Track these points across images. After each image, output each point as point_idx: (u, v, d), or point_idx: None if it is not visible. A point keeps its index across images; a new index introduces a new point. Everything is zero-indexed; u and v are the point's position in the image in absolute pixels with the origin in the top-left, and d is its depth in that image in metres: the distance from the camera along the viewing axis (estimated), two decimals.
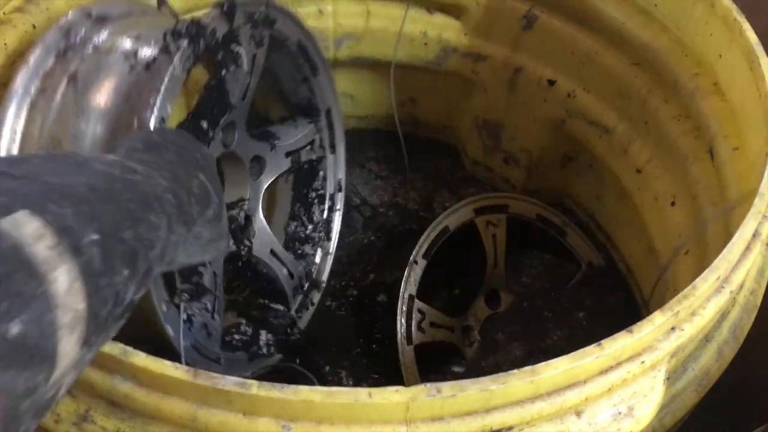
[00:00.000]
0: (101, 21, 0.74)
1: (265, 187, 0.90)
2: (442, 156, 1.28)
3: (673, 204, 0.91)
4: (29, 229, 0.38)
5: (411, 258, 0.96)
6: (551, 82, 1.08)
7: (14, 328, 0.36)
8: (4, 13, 0.81)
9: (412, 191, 1.21)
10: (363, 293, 1.05)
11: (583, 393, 0.54)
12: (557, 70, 1.08)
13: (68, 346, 0.39)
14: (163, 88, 0.65)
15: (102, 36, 0.71)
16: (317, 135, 0.97)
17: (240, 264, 0.90)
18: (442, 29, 1.14)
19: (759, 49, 0.76)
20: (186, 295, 0.75)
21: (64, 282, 0.39)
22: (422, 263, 0.97)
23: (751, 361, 0.77)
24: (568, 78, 1.07)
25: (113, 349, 0.52)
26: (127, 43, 0.70)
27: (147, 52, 0.69)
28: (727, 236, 0.67)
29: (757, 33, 0.77)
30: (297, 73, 0.91)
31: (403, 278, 0.95)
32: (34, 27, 0.82)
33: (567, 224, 1.10)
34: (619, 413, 0.56)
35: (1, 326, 0.35)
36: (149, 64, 0.68)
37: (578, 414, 0.55)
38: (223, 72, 0.72)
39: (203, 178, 0.60)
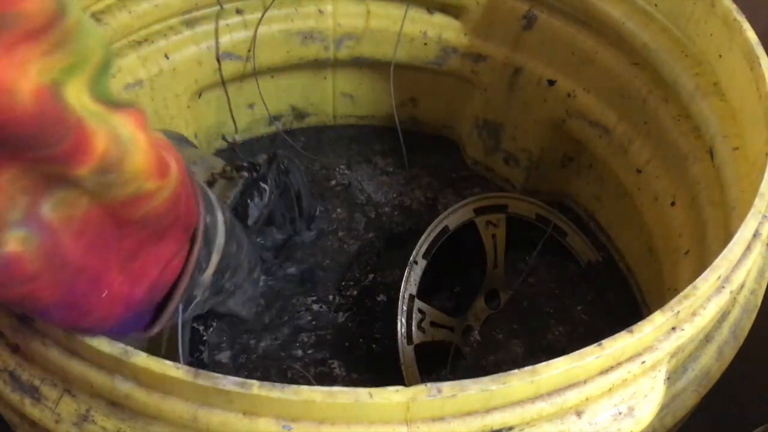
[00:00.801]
0: None
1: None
2: (445, 155, 1.28)
3: (673, 204, 0.92)
4: (206, 187, 0.60)
5: (411, 258, 0.96)
6: (551, 82, 1.08)
7: (207, 218, 0.56)
8: None
9: (412, 191, 1.21)
10: (363, 293, 1.05)
11: (584, 393, 0.54)
12: (557, 70, 1.08)
13: (214, 260, 0.58)
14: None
15: None
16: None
17: None
18: (442, 29, 1.14)
19: (759, 49, 0.76)
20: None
21: (220, 219, 0.59)
22: (422, 263, 0.97)
23: (751, 361, 0.77)
24: (568, 78, 1.07)
25: (114, 349, 0.52)
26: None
27: (202, 176, 0.88)
28: (727, 236, 0.67)
29: (757, 33, 0.77)
30: (287, 213, 1.05)
31: (403, 278, 0.95)
32: None
33: (567, 224, 1.10)
34: (620, 413, 0.56)
35: (204, 212, 0.55)
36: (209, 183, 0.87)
37: (578, 414, 0.55)
38: (249, 201, 0.89)
39: (254, 252, 0.79)
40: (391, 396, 0.50)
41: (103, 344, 0.52)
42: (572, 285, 1.09)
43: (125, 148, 0.42)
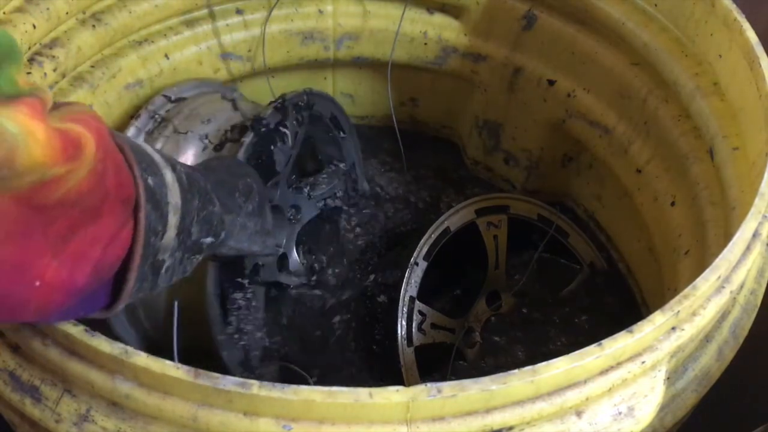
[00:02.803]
0: (179, 102, 0.97)
1: (299, 229, 1.04)
2: (445, 155, 1.29)
3: (673, 204, 0.92)
4: (148, 147, 0.57)
5: (411, 259, 0.96)
6: (551, 82, 1.08)
7: (150, 180, 0.53)
8: (4, 13, 0.81)
9: (413, 191, 1.21)
10: (363, 294, 1.05)
11: (584, 393, 0.54)
12: (557, 70, 1.08)
13: (172, 221, 0.55)
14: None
15: (179, 119, 0.93)
16: (342, 186, 1.12)
17: None
18: (442, 29, 1.14)
19: (759, 49, 0.76)
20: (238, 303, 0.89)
21: (169, 177, 0.56)
22: (423, 265, 0.97)
23: (751, 361, 0.77)
24: (568, 78, 1.07)
25: (114, 349, 0.52)
26: (200, 127, 0.92)
27: (216, 135, 0.92)
28: (727, 236, 0.67)
29: (757, 33, 0.77)
30: (328, 136, 1.08)
31: (404, 280, 0.95)
32: (34, 27, 0.82)
33: (569, 225, 1.10)
34: (620, 413, 0.56)
35: (144, 175, 0.52)
36: (219, 145, 0.91)
37: (579, 414, 0.55)
38: (272, 147, 0.90)
39: (249, 180, 0.76)
40: (391, 396, 0.50)
41: (103, 344, 0.52)
42: (573, 286, 1.09)
43: (13, 143, 0.40)
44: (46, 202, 0.43)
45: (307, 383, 0.51)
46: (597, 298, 1.08)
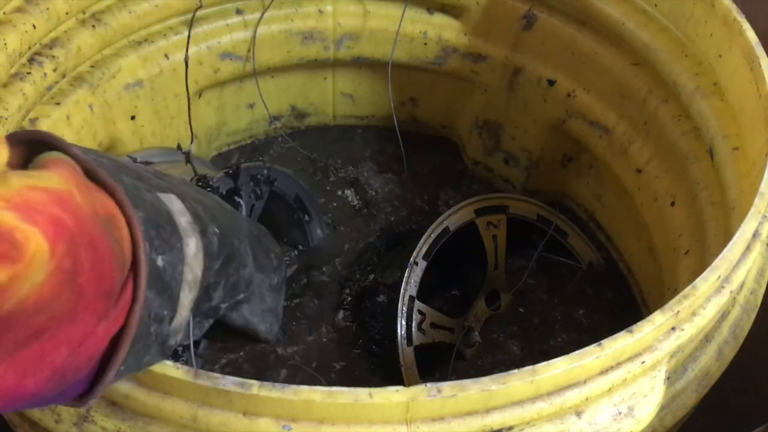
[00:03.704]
0: (145, 165, 0.91)
1: None
2: (444, 155, 1.29)
3: (673, 204, 0.92)
4: (177, 206, 0.49)
5: (411, 259, 0.96)
6: (551, 82, 1.08)
7: (159, 261, 0.45)
8: (4, 13, 0.81)
9: (413, 191, 1.22)
10: (363, 294, 1.05)
11: (583, 393, 0.54)
12: (557, 70, 1.08)
13: (186, 301, 0.48)
14: None
15: None
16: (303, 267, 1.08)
17: None
18: (442, 29, 1.14)
19: (759, 49, 0.76)
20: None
21: (192, 248, 0.49)
22: (422, 264, 0.97)
23: (751, 361, 0.77)
24: (568, 78, 1.07)
25: None
26: None
27: None
28: (727, 236, 0.67)
29: (757, 33, 0.77)
30: (292, 218, 1.05)
31: (403, 279, 0.95)
32: (34, 27, 0.82)
33: (568, 225, 1.10)
34: (620, 413, 0.56)
35: (152, 255, 0.44)
36: None
37: (578, 414, 0.55)
38: None
39: (278, 251, 0.72)
40: (391, 396, 0.50)
41: None
42: (573, 286, 1.09)
43: None
44: None
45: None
46: (597, 298, 1.08)
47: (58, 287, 0.36)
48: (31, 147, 0.41)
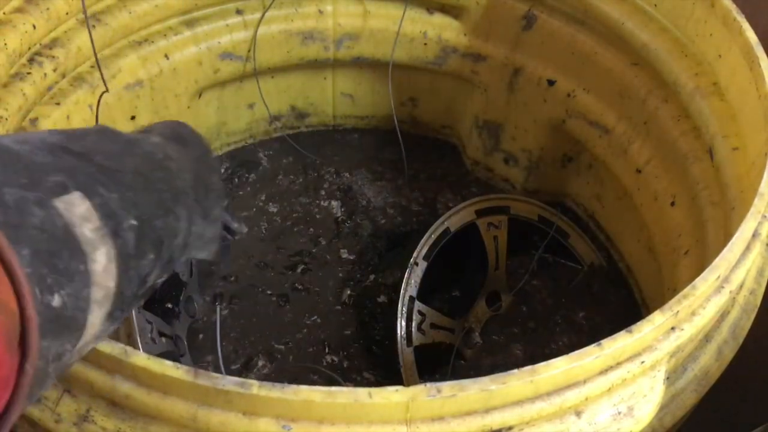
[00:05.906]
0: None
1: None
2: (444, 155, 1.29)
3: (673, 204, 0.92)
4: (79, 210, 0.42)
5: (411, 260, 0.96)
6: (551, 82, 1.08)
7: (56, 301, 0.38)
8: (4, 13, 0.81)
9: (413, 192, 1.21)
10: (363, 294, 1.05)
11: (583, 393, 0.54)
12: (557, 70, 1.08)
13: (96, 320, 0.42)
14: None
15: None
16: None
17: None
18: (442, 29, 1.14)
19: (759, 49, 0.76)
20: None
21: (102, 262, 0.42)
22: (423, 265, 0.97)
23: (751, 361, 0.77)
24: (568, 78, 1.07)
25: (114, 349, 0.52)
26: None
27: None
28: (727, 236, 0.67)
29: (757, 33, 0.77)
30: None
31: (404, 280, 0.95)
32: (34, 27, 0.82)
33: (569, 225, 1.11)
34: (619, 413, 0.56)
35: (45, 298, 0.37)
36: None
37: (578, 414, 0.55)
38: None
39: (217, 178, 0.63)
40: (391, 396, 0.50)
41: (103, 344, 0.52)
42: (573, 286, 1.09)
43: None
44: None
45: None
46: (597, 298, 1.08)
47: None
48: None
